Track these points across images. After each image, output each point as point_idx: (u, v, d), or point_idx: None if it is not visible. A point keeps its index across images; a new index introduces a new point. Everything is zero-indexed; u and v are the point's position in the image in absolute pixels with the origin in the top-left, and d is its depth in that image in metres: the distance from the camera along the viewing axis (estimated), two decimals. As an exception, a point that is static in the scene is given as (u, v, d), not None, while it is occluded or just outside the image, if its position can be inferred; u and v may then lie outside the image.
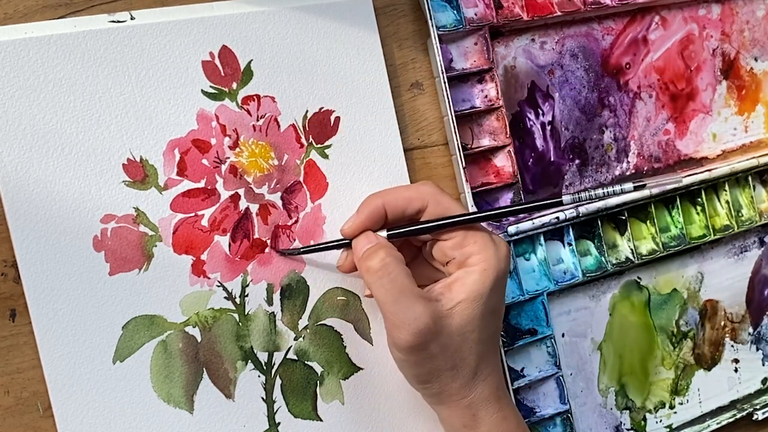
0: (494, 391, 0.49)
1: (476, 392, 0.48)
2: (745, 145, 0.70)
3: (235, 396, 0.49)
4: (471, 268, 0.48)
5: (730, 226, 0.67)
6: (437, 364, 0.47)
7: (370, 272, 0.47)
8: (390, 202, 0.49)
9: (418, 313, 0.45)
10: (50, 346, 0.45)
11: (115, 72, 0.47)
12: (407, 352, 0.46)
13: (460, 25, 0.56)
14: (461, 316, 0.47)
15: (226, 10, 0.50)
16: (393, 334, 0.46)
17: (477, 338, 0.47)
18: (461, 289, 0.47)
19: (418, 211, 0.49)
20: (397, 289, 0.46)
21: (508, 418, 0.49)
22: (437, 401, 0.49)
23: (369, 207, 0.49)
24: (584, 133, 0.63)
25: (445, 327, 0.46)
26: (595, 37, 0.63)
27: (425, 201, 0.49)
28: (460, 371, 0.48)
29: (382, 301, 0.46)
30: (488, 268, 0.47)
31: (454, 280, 0.48)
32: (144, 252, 0.47)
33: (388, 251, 0.47)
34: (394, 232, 0.49)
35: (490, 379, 0.49)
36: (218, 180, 0.50)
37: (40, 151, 0.45)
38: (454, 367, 0.47)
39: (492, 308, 0.48)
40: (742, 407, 0.68)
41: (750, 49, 0.70)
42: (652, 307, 0.65)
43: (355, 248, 0.49)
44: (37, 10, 0.47)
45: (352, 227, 0.49)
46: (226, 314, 0.49)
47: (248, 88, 0.51)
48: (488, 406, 0.48)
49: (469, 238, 0.48)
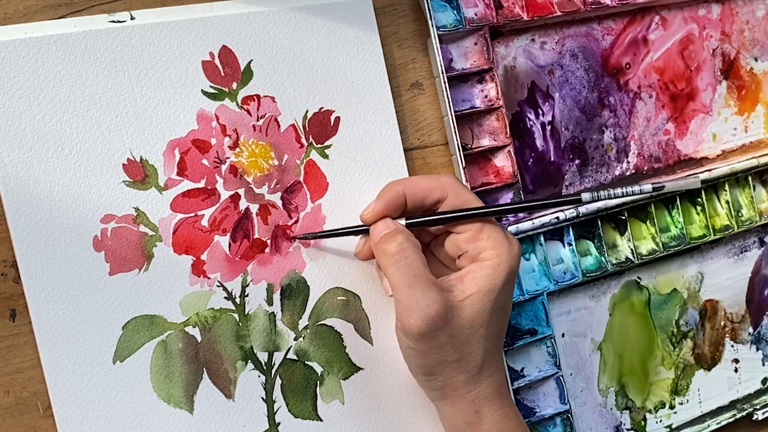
0: (497, 389, 0.49)
1: (480, 388, 0.48)
2: (745, 145, 0.70)
3: (235, 396, 0.49)
4: (484, 263, 0.48)
5: (730, 226, 0.67)
6: (444, 354, 0.47)
7: (386, 255, 0.47)
8: (410, 190, 0.49)
9: (431, 299, 0.46)
10: (50, 346, 0.45)
11: (115, 72, 0.47)
12: (416, 338, 0.46)
13: (460, 25, 0.56)
14: (472, 309, 0.47)
15: (226, 10, 0.50)
16: (404, 319, 0.46)
17: (485, 333, 0.48)
18: (473, 282, 0.47)
19: (438, 201, 0.50)
20: (413, 274, 0.46)
21: (509, 416, 0.49)
22: (441, 396, 0.49)
23: (390, 194, 0.49)
24: (584, 133, 0.63)
25: (456, 317, 0.47)
26: (595, 37, 0.63)
27: (445, 192, 0.49)
28: (466, 365, 0.48)
29: (397, 285, 0.47)
30: (501, 264, 0.47)
31: (467, 272, 0.48)
32: (144, 252, 0.47)
33: (406, 236, 0.48)
34: (414, 221, 0.49)
35: (495, 376, 0.49)
36: (218, 180, 0.50)
37: (40, 151, 0.45)
38: (460, 359, 0.47)
39: (502, 305, 0.48)
40: (742, 407, 0.68)
41: (750, 49, 0.70)
42: (652, 307, 0.65)
43: (372, 233, 0.49)
44: (37, 10, 0.47)
45: (372, 213, 0.49)
46: (226, 314, 0.49)
47: (248, 88, 0.51)
48: (491, 403, 0.48)
49: (483, 233, 0.48)
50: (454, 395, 0.48)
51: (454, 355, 0.47)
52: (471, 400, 0.48)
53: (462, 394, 0.48)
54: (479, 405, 0.48)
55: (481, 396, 0.48)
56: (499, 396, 0.49)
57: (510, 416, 0.49)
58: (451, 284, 0.48)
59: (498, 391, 0.49)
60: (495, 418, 0.48)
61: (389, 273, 0.47)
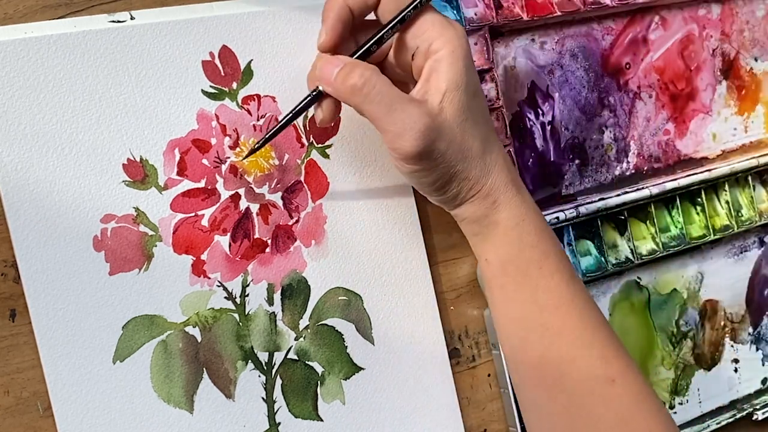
0: (508, 175, 0.49)
1: (492, 176, 0.48)
2: (745, 145, 0.70)
3: (236, 396, 0.49)
4: (438, 54, 0.46)
5: (729, 226, 0.67)
6: (449, 161, 0.47)
7: (354, 91, 0.46)
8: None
9: (416, 115, 0.45)
10: (50, 346, 0.45)
11: (115, 72, 0.47)
12: (417, 158, 0.46)
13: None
14: (452, 106, 0.46)
15: (226, 10, 0.50)
16: (398, 146, 0.46)
17: (473, 122, 0.47)
18: (440, 79, 0.46)
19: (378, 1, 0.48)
20: (388, 98, 0.45)
21: (526, 201, 0.49)
22: (460, 201, 0.49)
23: (333, 10, 0.47)
24: (584, 133, 0.63)
25: (443, 122, 0.46)
26: (595, 37, 0.63)
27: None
28: (471, 160, 0.47)
29: (377, 116, 0.46)
30: (455, 50, 0.46)
31: (429, 72, 0.47)
32: (144, 252, 0.47)
33: (363, 65, 0.46)
34: (358, 51, 0.48)
35: (501, 163, 0.49)
36: (218, 180, 0.50)
37: (40, 151, 0.45)
38: (464, 158, 0.47)
39: (474, 91, 0.48)
40: (742, 407, 0.68)
41: (750, 49, 0.71)
42: (652, 307, 0.65)
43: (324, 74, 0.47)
44: (37, 10, 0.47)
45: (326, 36, 0.47)
46: (227, 314, 0.49)
47: (248, 88, 0.51)
48: (506, 190, 0.49)
49: (426, 22, 0.47)
50: (470, 194, 0.48)
51: (457, 156, 0.47)
52: (487, 193, 0.48)
53: (477, 190, 0.48)
54: (496, 195, 0.48)
55: (496, 185, 0.48)
56: (513, 183, 0.49)
57: (527, 201, 0.49)
58: (423, 93, 0.47)
59: (510, 178, 0.49)
60: (512, 205, 0.49)
61: (364, 107, 0.46)
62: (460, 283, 0.58)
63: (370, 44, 0.48)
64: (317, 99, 0.48)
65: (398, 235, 0.55)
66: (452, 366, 0.56)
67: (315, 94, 0.48)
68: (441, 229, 0.57)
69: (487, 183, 0.48)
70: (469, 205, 0.49)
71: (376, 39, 0.47)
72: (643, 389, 0.48)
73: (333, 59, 0.47)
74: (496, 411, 0.58)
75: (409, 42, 0.48)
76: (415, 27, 0.47)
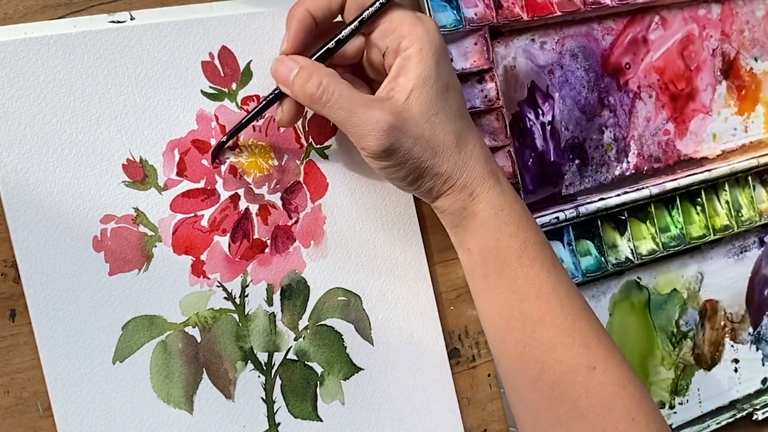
0: (485, 165, 0.49)
1: (468, 169, 0.48)
2: (745, 145, 0.70)
3: (235, 396, 0.49)
4: (407, 52, 0.47)
5: (730, 226, 0.67)
6: (418, 157, 0.47)
7: (314, 100, 0.46)
8: (311, 3, 0.47)
9: (376, 115, 0.45)
10: (50, 346, 0.45)
11: (115, 72, 0.47)
12: (384, 156, 0.46)
13: (460, 25, 0.56)
14: (418, 103, 0.46)
15: (226, 10, 0.50)
16: (364, 145, 0.46)
17: (444, 117, 0.47)
18: (407, 77, 0.46)
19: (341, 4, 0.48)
20: (347, 103, 0.46)
21: (505, 192, 0.49)
22: (436, 194, 0.49)
23: (295, 17, 0.48)
24: (584, 133, 0.63)
25: (408, 119, 0.46)
26: (595, 37, 0.63)
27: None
28: (443, 155, 0.47)
29: (338, 120, 0.46)
30: (423, 46, 0.46)
31: (397, 70, 0.47)
32: (144, 252, 0.47)
33: (318, 71, 0.46)
34: (318, 54, 0.48)
35: (477, 154, 0.48)
36: (218, 180, 0.50)
37: (40, 151, 0.45)
38: (435, 153, 0.47)
39: (445, 84, 0.47)
40: (742, 407, 0.68)
41: (750, 49, 0.70)
42: (652, 307, 0.65)
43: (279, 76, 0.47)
44: (37, 10, 0.47)
45: (288, 44, 0.48)
46: (226, 314, 0.49)
47: (248, 89, 0.51)
48: (483, 183, 0.48)
49: (394, 21, 0.47)
50: (445, 188, 0.48)
51: (427, 152, 0.47)
52: (463, 185, 0.48)
53: (452, 184, 0.48)
54: (473, 187, 0.48)
55: (472, 178, 0.48)
56: (491, 174, 0.49)
57: (506, 192, 0.49)
58: (389, 90, 0.47)
59: (487, 169, 0.49)
60: (490, 196, 0.48)
61: (326, 114, 0.46)
62: (460, 283, 0.57)
63: (327, 46, 0.48)
64: (278, 99, 0.49)
65: (397, 236, 0.55)
66: (452, 366, 0.56)
67: (277, 93, 0.48)
68: (440, 229, 0.57)
69: (462, 176, 0.48)
70: (445, 198, 0.49)
71: (336, 40, 0.48)
72: (627, 377, 0.48)
73: (287, 60, 0.48)
74: (496, 411, 0.58)
75: (380, 42, 0.48)
76: (384, 26, 0.47)
